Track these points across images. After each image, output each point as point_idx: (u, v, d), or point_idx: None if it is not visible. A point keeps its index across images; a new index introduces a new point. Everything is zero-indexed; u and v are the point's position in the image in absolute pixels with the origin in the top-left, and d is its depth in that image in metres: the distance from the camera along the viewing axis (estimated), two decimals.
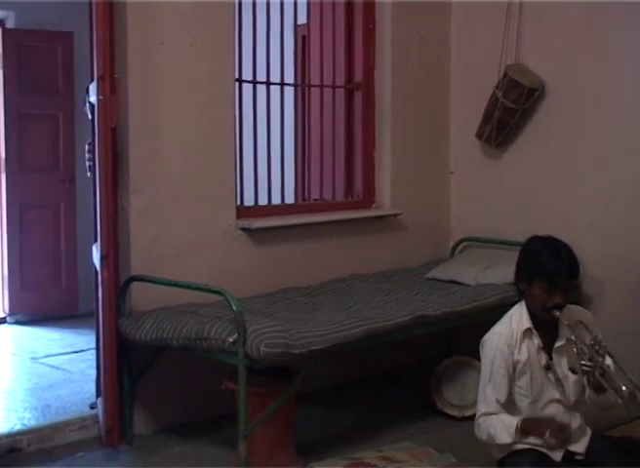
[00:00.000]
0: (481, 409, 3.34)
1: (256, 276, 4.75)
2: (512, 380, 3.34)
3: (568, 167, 5.23)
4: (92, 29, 4.15)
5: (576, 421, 3.37)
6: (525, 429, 3.23)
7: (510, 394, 3.35)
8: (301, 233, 5.03)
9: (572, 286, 3.32)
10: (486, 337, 3.41)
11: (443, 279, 5.09)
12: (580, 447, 3.38)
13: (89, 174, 4.75)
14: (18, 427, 4.37)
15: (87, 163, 4.81)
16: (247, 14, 4.91)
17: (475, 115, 5.47)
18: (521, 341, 3.33)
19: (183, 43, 4.41)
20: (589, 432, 3.42)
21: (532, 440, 3.30)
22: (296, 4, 5.28)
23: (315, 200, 5.58)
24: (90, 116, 4.40)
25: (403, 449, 4.14)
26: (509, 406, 3.36)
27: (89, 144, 4.76)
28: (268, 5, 5.05)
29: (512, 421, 3.25)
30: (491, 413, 3.31)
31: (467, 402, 4.65)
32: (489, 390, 3.32)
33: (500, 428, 3.26)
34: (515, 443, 3.27)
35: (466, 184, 5.77)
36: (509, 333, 3.33)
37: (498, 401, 3.30)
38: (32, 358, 5.83)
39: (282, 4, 5.16)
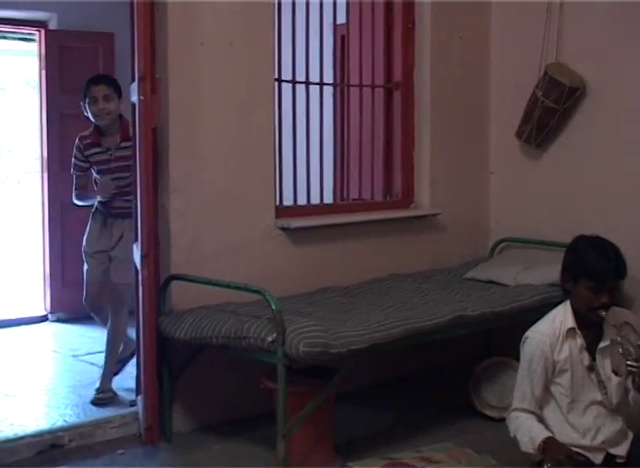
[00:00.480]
0: (515, 403, 3.34)
1: (294, 275, 4.76)
2: (549, 380, 3.32)
3: (608, 167, 5.18)
4: (133, 30, 4.18)
5: (617, 424, 3.35)
6: (545, 450, 3.24)
7: (549, 392, 3.32)
8: (340, 233, 5.03)
9: (618, 286, 3.30)
10: (528, 334, 3.39)
11: (482, 279, 5.06)
12: (621, 450, 3.35)
13: (72, 171, 5.00)
14: (59, 424, 4.43)
15: (72, 160, 4.99)
16: (286, 13, 4.92)
17: (515, 115, 5.43)
18: (564, 340, 3.30)
19: (223, 43, 4.43)
20: (631, 435, 3.39)
21: (574, 442, 3.28)
22: (335, 4, 5.27)
23: (354, 200, 5.58)
24: (86, 113, 4.90)
25: (442, 450, 4.13)
26: (545, 403, 3.34)
27: (80, 139, 4.94)
28: (307, 5, 5.06)
29: (538, 436, 3.26)
30: (523, 409, 3.30)
31: (506, 403, 4.60)
32: (524, 386, 3.30)
33: (527, 438, 3.28)
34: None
35: (506, 184, 5.73)
36: (552, 332, 3.32)
37: (531, 398, 3.28)
38: (73, 355, 5.89)
39: (321, 4, 5.17)
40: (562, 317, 3.35)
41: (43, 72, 6.86)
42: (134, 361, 4.66)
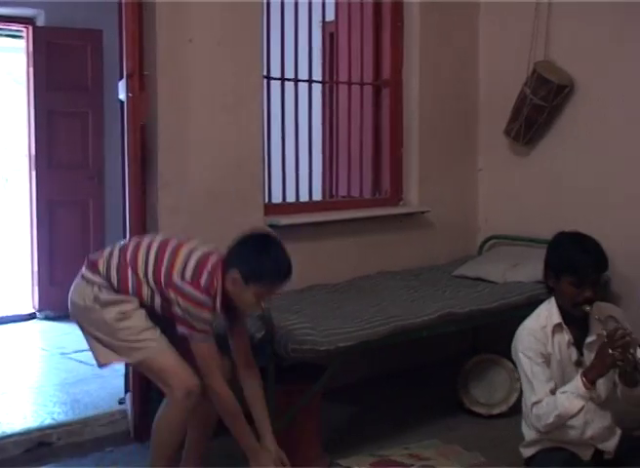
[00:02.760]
0: (531, 399, 3.27)
1: None
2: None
3: (597, 164, 5.20)
4: (121, 27, 4.18)
5: (606, 420, 3.35)
6: (591, 379, 3.16)
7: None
8: (329, 230, 5.04)
9: (601, 280, 3.32)
10: (517, 332, 3.40)
11: (470, 277, 5.07)
12: (609, 446, 3.37)
13: None
14: (47, 422, 4.41)
15: None
16: (275, 11, 4.91)
17: (503, 112, 5.44)
18: (552, 336, 3.31)
19: (212, 41, 4.42)
20: (619, 432, 3.40)
21: (562, 438, 3.29)
22: (324, 1, 5.27)
23: (343, 197, 5.59)
24: None
25: (430, 447, 4.14)
26: None
27: None
28: (296, 3, 5.06)
29: (574, 385, 3.19)
30: (540, 400, 3.25)
31: (495, 400, 4.64)
32: (534, 380, 3.27)
33: (566, 399, 3.18)
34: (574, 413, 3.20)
35: (494, 182, 5.75)
36: (539, 327, 3.33)
37: (545, 384, 3.25)
38: (61, 353, 5.87)
39: (310, 1, 5.16)
40: (547, 313, 3.37)
41: (30, 69, 6.82)
42: None
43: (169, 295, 3.29)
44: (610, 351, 3.07)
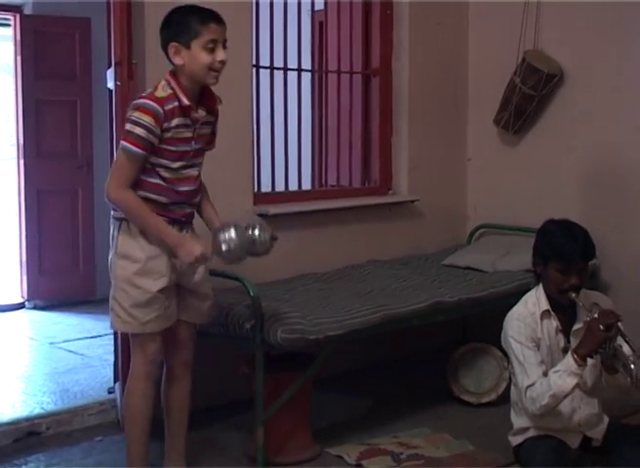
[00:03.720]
0: (525, 382, 3.25)
1: (273, 262, 4.72)
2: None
3: (585, 154, 5.20)
4: (109, 15, 4.16)
5: (593, 407, 3.37)
6: (583, 354, 3.13)
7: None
8: (318, 219, 5.03)
9: (587, 267, 3.32)
10: (507, 318, 3.40)
11: (460, 266, 5.08)
12: (596, 433, 3.39)
13: (130, 146, 4.23)
14: (37, 411, 4.41)
15: (134, 128, 3.29)
16: (264, 0, 4.89)
17: (493, 101, 5.44)
18: (540, 322, 3.32)
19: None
20: (606, 419, 3.43)
21: (550, 425, 3.30)
22: None
23: (332, 186, 5.58)
24: (178, 61, 3.41)
25: (419, 435, 4.15)
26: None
27: (156, 101, 3.41)
28: None
29: (565, 363, 3.16)
30: (534, 382, 3.24)
31: (484, 389, 4.65)
32: (526, 364, 3.25)
33: (559, 377, 3.15)
34: (566, 393, 3.17)
35: (484, 171, 5.75)
36: (528, 314, 3.33)
37: (537, 367, 3.23)
38: (50, 343, 5.87)
39: None
40: (535, 300, 3.38)
41: (18, 58, 6.80)
42: (111, 348, 4.64)
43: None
44: (600, 326, 3.07)
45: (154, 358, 3.43)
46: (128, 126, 3.23)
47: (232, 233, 3.35)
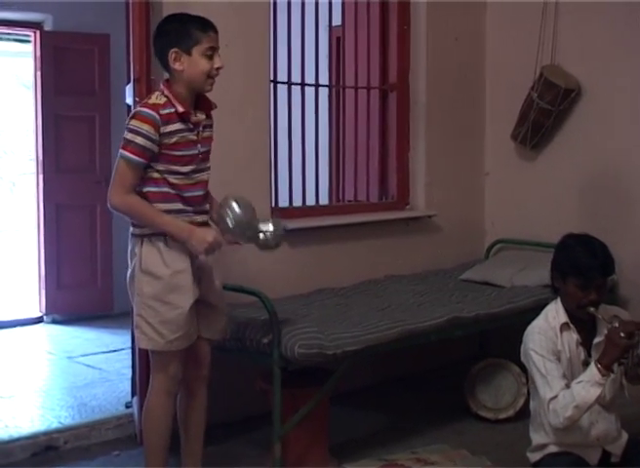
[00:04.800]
0: (548, 395, 3.20)
1: (290, 277, 4.75)
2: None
3: (604, 169, 5.19)
4: (128, 31, 4.18)
5: (611, 422, 3.34)
6: (607, 363, 3.09)
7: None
8: (336, 234, 5.03)
9: (606, 283, 3.29)
10: (527, 332, 3.38)
11: (477, 281, 5.07)
12: (616, 448, 3.35)
13: (130, 154, 4.28)
14: (55, 425, 4.42)
15: (134, 138, 3.31)
16: (282, 15, 4.92)
17: (510, 116, 5.44)
18: (560, 335, 3.30)
19: (220, 43, 4.41)
20: (626, 435, 3.39)
21: (569, 440, 3.28)
22: (330, 4, 5.27)
23: (349, 201, 5.58)
24: (178, 66, 3.39)
25: (437, 451, 4.13)
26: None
27: (151, 108, 3.32)
28: (303, 6, 5.07)
29: (589, 373, 3.12)
30: (556, 395, 3.18)
31: (501, 404, 4.63)
32: (549, 376, 3.21)
33: (582, 388, 3.11)
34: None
35: (501, 186, 5.74)
36: (548, 327, 3.31)
37: (559, 379, 3.19)
38: (68, 357, 5.89)
39: (317, 5, 5.17)
40: (555, 313, 3.35)
41: (38, 73, 6.86)
42: (129, 362, 4.65)
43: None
44: (621, 334, 3.05)
45: (175, 374, 3.43)
46: (128, 135, 3.25)
47: (234, 206, 3.37)
